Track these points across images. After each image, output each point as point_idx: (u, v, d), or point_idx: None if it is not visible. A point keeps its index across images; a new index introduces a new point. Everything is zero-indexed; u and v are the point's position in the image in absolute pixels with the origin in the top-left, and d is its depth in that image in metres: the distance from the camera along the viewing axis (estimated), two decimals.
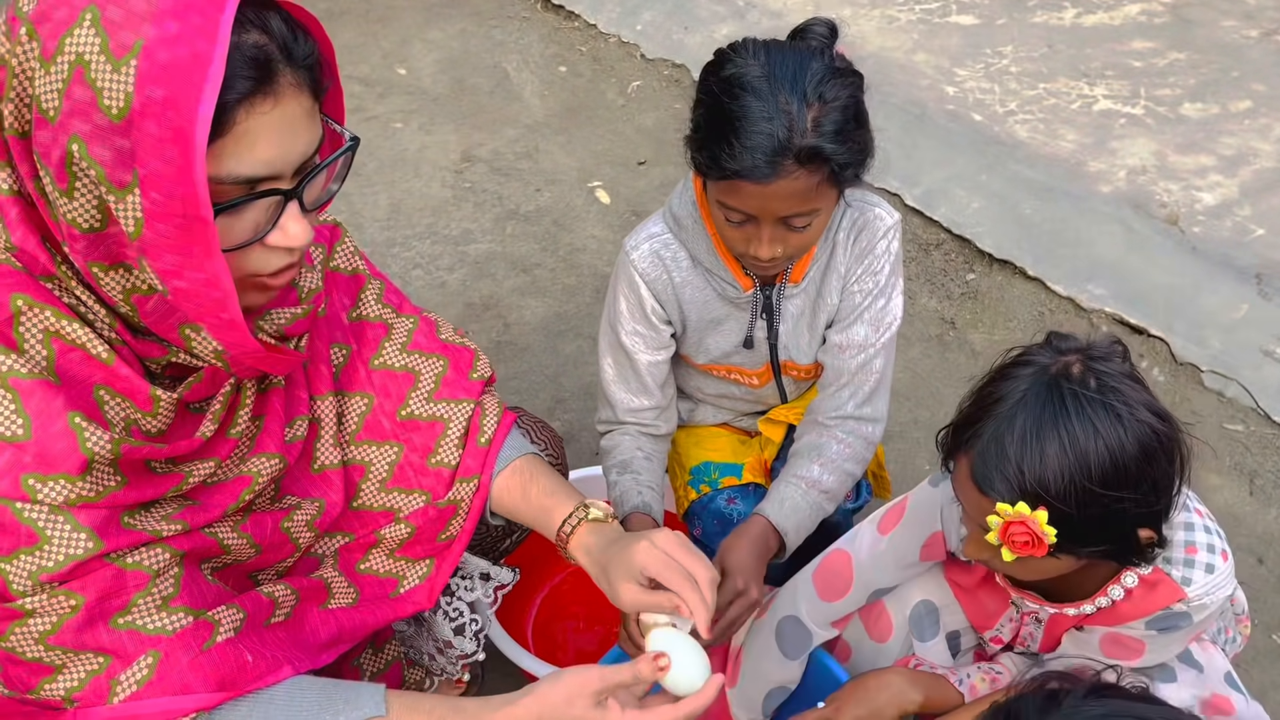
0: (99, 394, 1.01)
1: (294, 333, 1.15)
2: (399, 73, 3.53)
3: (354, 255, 1.37)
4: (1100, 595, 1.30)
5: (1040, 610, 1.39)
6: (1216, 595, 1.25)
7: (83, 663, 1.03)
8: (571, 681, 1.13)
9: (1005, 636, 1.48)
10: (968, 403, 1.22)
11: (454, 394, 1.37)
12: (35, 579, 0.99)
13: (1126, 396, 1.13)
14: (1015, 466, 1.12)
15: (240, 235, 0.99)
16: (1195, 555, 1.25)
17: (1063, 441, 1.10)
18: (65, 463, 0.98)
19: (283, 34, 0.95)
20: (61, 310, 0.99)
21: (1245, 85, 3.18)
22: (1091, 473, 1.10)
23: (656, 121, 3.27)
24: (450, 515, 1.35)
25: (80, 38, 0.88)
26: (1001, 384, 1.17)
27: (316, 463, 1.29)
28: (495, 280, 2.75)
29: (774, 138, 1.29)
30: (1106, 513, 1.12)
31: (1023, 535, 1.12)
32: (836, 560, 1.52)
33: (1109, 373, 1.15)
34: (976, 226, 2.78)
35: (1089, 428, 1.10)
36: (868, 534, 1.51)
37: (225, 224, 0.96)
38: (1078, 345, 1.18)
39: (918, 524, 1.45)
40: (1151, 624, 1.30)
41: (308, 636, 1.23)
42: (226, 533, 1.16)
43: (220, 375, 1.11)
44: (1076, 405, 1.11)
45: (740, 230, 1.41)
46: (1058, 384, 1.13)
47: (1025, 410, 1.13)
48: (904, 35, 3.45)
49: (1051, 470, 1.10)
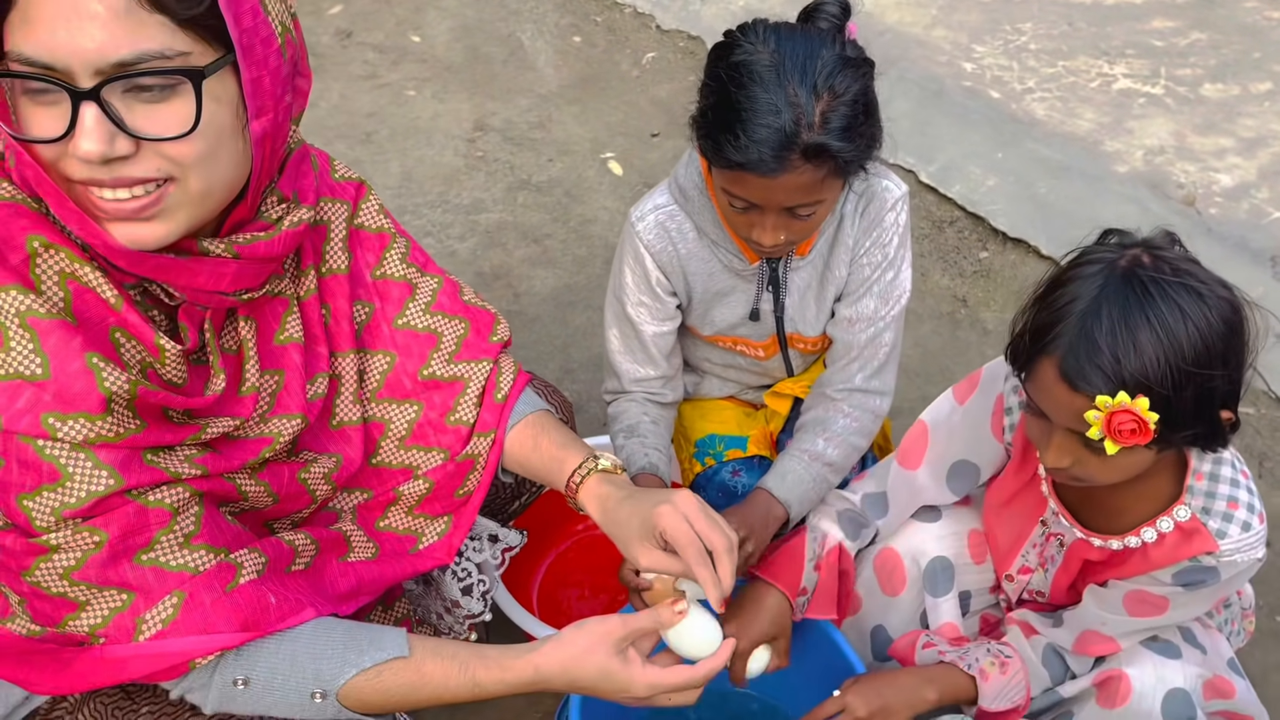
0: (115, 336, 1.02)
1: (251, 254, 1.08)
2: (413, 40, 3.51)
3: (379, 214, 1.36)
4: (1132, 534, 1.31)
5: (1066, 534, 1.39)
6: (1248, 555, 1.26)
7: (106, 599, 1.05)
8: (595, 629, 1.15)
9: (1031, 564, 1.47)
10: (1033, 313, 1.22)
11: (474, 355, 1.37)
12: (58, 515, 1.00)
13: (1200, 276, 1.15)
14: (1110, 356, 1.12)
15: (43, 129, 0.93)
16: (1235, 511, 1.26)
17: (1153, 326, 1.12)
18: (84, 401, 0.98)
19: None
20: (75, 253, 1.00)
21: (1266, 67, 3.14)
22: (1184, 353, 1.12)
23: (671, 93, 3.25)
24: (468, 469, 1.36)
25: None
26: (1070, 286, 1.18)
27: (335, 419, 1.29)
28: (506, 250, 2.75)
29: (781, 132, 1.28)
30: (1200, 393, 1.14)
31: (1129, 423, 1.12)
32: (916, 430, 1.53)
33: (1176, 258, 1.17)
34: (991, 205, 2.76)
35: (1175, 310, 1.12)
36: (945, 403, 1.52)
37: (28, 110, 0.93)
38: (1135, 240, 1.21)
39: (990, 392, 1.45)
40: (1178, 576, 1.30)
41: (326, 586, 1.24)
42: (244, 479, 1.17)
43: (193, 311, 1.10)
44: (1159, 290, 1.13)
45: (744, 216, 1.41)
46: (1133, 274, 1.15)
47: (1108, 302, 1.14)
48: (922, 10, 3.42)
49: (1147, 355, 1.11)
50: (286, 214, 1.13)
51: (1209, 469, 1.29)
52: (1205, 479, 1.28)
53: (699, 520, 1.21)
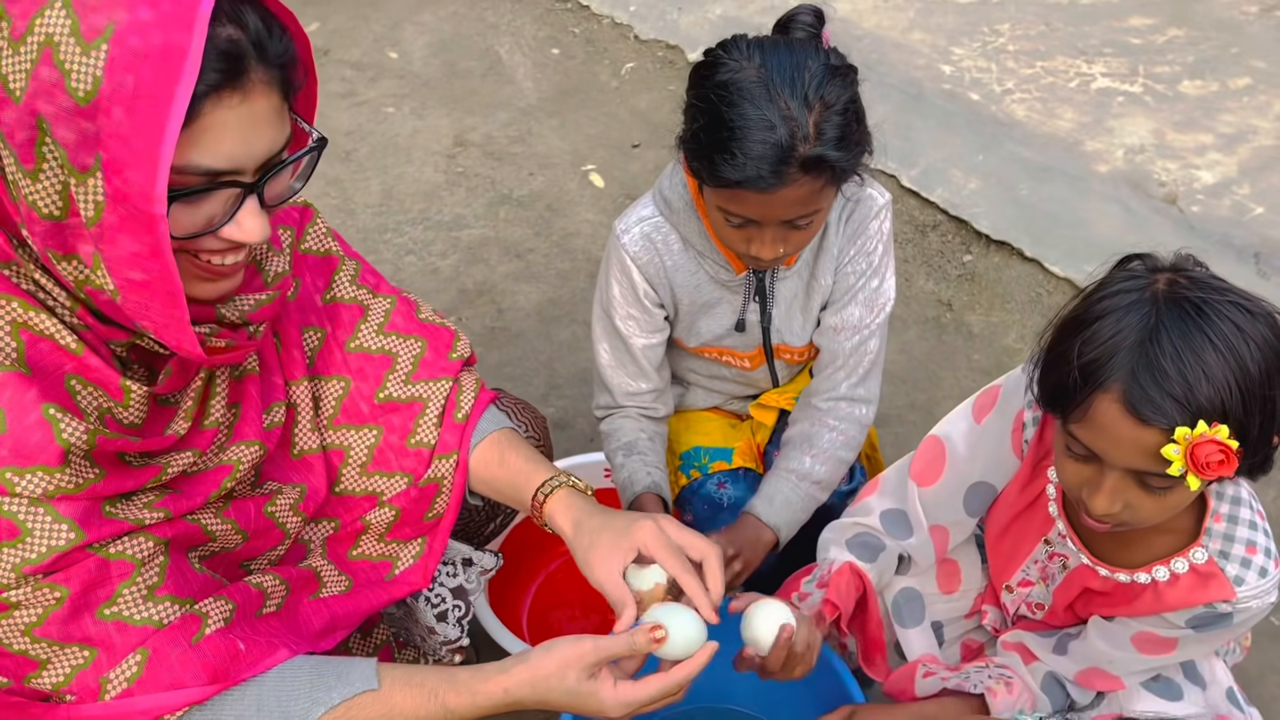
0: (70, 384, 1.00)
1: (258, 319, 1.13)
2: (390, 56, 3.49)
3: (326, 236, 1.35)
4: (1143, 570, 1.26)
5: (1072, 557, 1.34)
6: (1263, 601, 1.21)
7: (68, 656, 1.03)
8: (565, 651, 1.12)
9: (1032, 578, 1.43)
10: (1061, 351, 1.12)
11: (432, 374, 1.35)
12: (18, 571, 0.98)
13: (1240, 293, 1.09)
14: (1181, 383, 1.03)
15: (194, 225, 0.98)
16: (1253, 556, 1.20)
17: (1217, 348, 1.04)
18: (42, 454, 0.97)
19: (257, 30, 0.95)
20: (28, 301, 0.98)
21: (1244, 62, 3.15)
22: (1250, 373, 1.05)
23: (651, 103, 3.24)
24: (433, 493, 1.34)
25: (51, 19, 0.88)
26: (1110, 317, 1.09)
27: (296, 448, 1.28)
28: (488, 266, 2.73)
29: (778, 146, 1.27)
30: (1265, 414, 1.07)
31: (1216, 454, 1.03)
32: (931, 446, 1.44)
33: (1208, 277, 1.10)
34: (974, 207, 2.75)
35: (1234, 329, 1.05)
36: (963, 421, 1.41)
37: (180, 212, 0.95)
38: (1161, 263, 1.14)
39: (1010, 408, 1.36)
40: (1192, 620, 1.25)
41: (301, 625, 1.22)
42: (210, 519, 1.15)
43: (190, 365, 1.10)
44: (1212, 310, 1.06)
45: (741, 231, 1.39)
46: (1179, 296, 1.07)
47: (1165, 328, 1.05)
48: (900, 13, 3.42)
49: (1218, 379, 1.03)
50: (266, 263, 1.15)
51: (1227, 510, 1.22)
52: (1224, 521, 1.22)
53: (680, 533, 1.20)
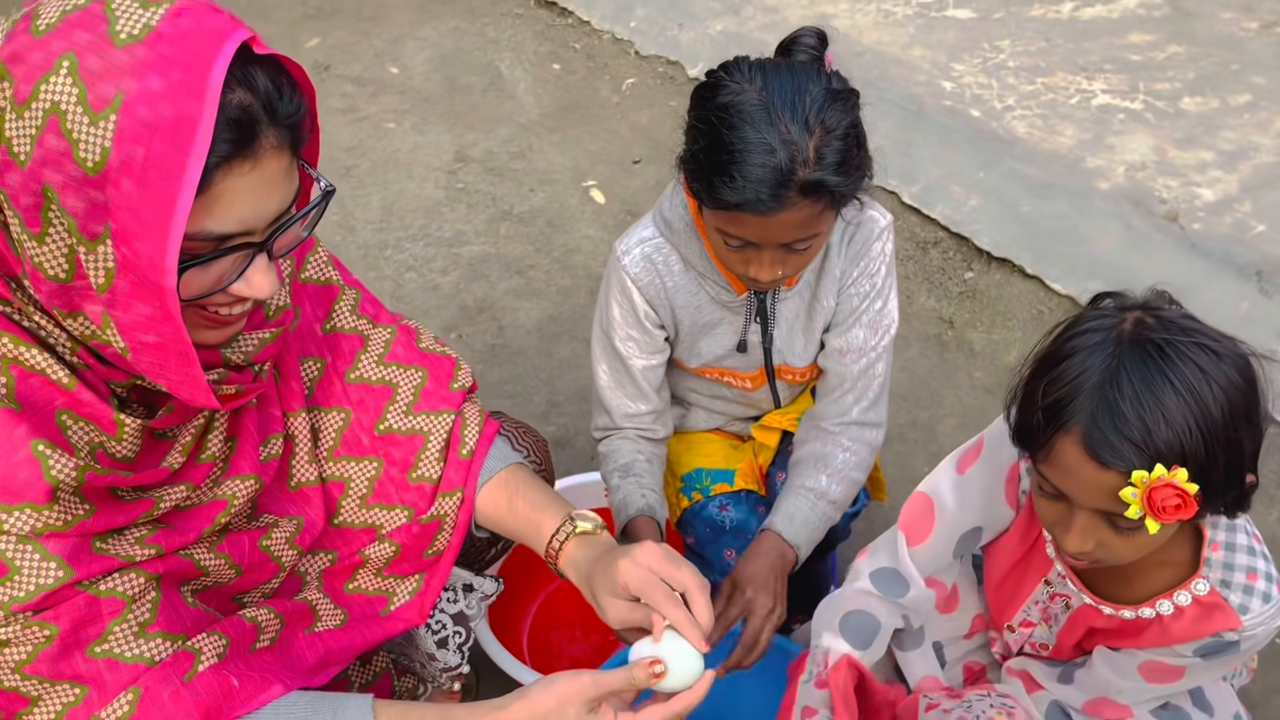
0: (61, 419, 0.99)
1: (262, 359, 1.13)
2: (391, 72, 3.50)
3: (326, 265, 1.34)
4: (1146, 606, 1.25)
5: (1074, 597, 1.33)
6: (1270, 626, 1.20)
7: (59, 694, 1.02)
8: (564, 687, 1.11)
9: (1034, 619, 1.42)
10: (1037, 389, 1.12)
11: (434, 405, 1.34)
12: (6, 609, 0.97)
13: (1208, 333, 1.08)
14: (1139, 426, 1.04)
15: (204, 286, 0.97)
16: (1255, 583, 1.19)
17: (1178, 390, 1.04)
18: (30, 492, 0.96)
19: (268, 92, 0.94)
20: (19, 336, 0.98)
21: (1245, 78, 3.15)
22: (1213, 415, 1.04)
23: (651, 119, 3.25)
24: (435, 530, 1.33)
25: (57, 85, 0.86)
26: (1076, 357, 1.09)
27: (293, 480, 1.27)
28: (489, 282, 2.72)
29: (777, 170, 1.26)
30: (1230, 457, 1.06)
31: (1172, 498, 1.03)
32: (919, 504, 1.43)
33: (1177, 316, 1.10)
34: (974, 224, 2.75)
35: (1196, 371, 1.05)
36: (947, 475, 1.41)
37: (191, 275, 0.95)
38: (1132, 301, 1.13)
39: (997, 459, 1.36)
40: (1200, 650, 1.24)
41: (295, 660, 1.21)
42: (203, 554, 1.14)
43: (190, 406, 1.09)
44: (1175, 352, 1.05)
45: (740, 254, 1.39)
46: (1142, 337, 1.07)
47: (1125, 371, 1.06)
48: (900, 30, 3.42)
49: (1177, 422, 1.03)
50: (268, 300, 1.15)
51: (1224, 538, 1.22)
52: (1222, 549, 1.21)
53: (664, 566, 1.19)
